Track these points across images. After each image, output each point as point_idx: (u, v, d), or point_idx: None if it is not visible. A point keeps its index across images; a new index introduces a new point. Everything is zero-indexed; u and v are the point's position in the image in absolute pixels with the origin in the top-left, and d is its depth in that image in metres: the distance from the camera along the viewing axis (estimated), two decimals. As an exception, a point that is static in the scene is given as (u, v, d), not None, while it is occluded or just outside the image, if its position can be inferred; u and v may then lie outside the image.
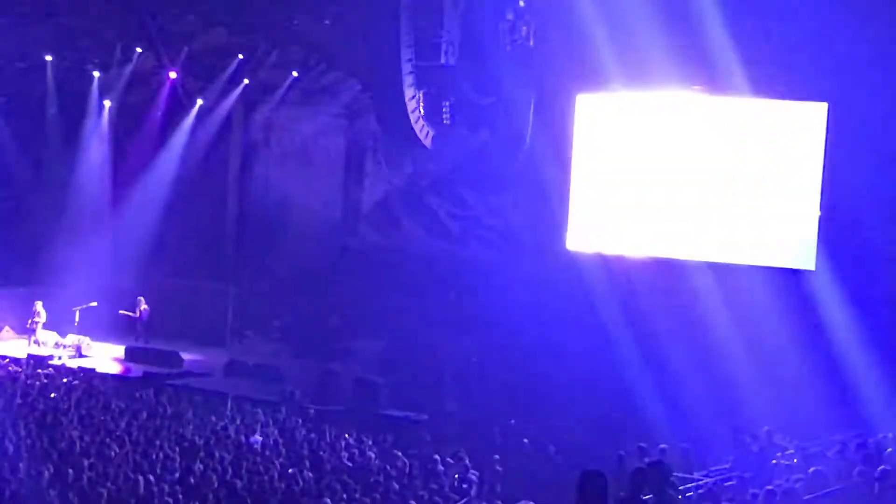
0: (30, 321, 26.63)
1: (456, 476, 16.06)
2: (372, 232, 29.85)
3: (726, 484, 14.93)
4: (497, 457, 17.42)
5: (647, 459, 15.75)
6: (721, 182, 23.97)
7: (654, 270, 24.13)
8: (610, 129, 25.22)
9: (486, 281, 26.00)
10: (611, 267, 24.51)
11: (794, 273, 23.05)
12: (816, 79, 22.49)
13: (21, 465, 14.22)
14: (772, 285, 22.64)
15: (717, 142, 24.06)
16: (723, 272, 23.38)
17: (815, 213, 23.07)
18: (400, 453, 16.97)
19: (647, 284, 23.90)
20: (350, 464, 16.48)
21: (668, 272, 23.93)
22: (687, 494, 13.98)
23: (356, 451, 17.20)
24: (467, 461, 16.75)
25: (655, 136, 24.65)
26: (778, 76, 22.85)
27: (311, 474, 15.09)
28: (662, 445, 17.07)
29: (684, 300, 23.18)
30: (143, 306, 27.91)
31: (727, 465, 16.95)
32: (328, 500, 13.56)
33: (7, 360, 24.05)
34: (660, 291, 23.65)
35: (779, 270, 23.17)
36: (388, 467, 15.94)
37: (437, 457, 16.65)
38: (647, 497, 9.14)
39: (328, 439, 18.25)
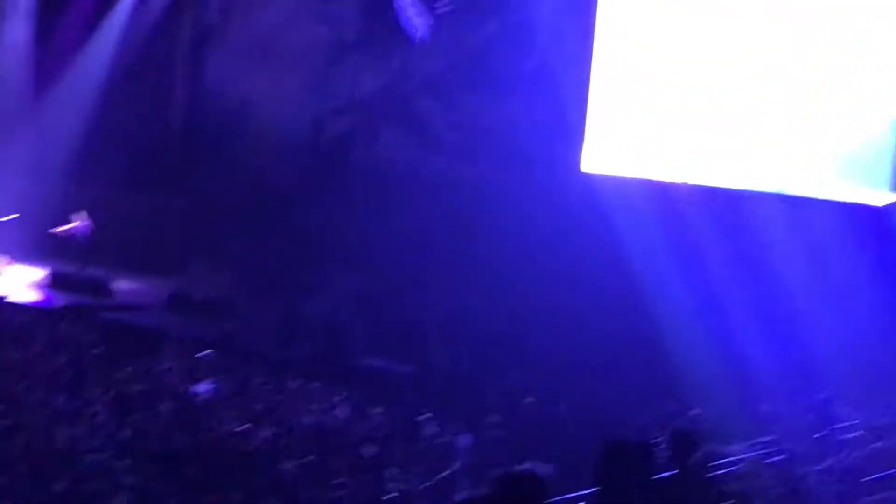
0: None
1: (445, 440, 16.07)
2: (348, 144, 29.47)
3: (769, 461, 14.90)
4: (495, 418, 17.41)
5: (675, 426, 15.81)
6: (787, 87, 23.19)
7: (698, 200, 23.62)
8: (645, 17, 24.54)
9: (487, 206, 25.73)
10: (641, 195, 24.02)
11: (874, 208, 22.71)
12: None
13: None
14: (848, 220, 22.32)
15: (784, 35, 23.20)
16: (788, 204, 22.93)
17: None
18: (377, 411, 17.00)
19: (688, 217, 23.40)
20: (315, 421, 16.44)
21: (716, 203, 23.50)
22: (722, 471, 13.93)
23: (323, 407, 17.18)
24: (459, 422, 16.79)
25: (704, 28, 23.88)
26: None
27: (267, 433, 15.04)
28: (694, 410, 17.07)
29: (735, 238, 22.75)
30: (85, 221, 27.06)
31: (772, 438, 16.95)
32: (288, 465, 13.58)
33: None
34: (704, 227, 23.14)
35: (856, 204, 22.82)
36: (362, 427, 15.91)
37: (429, 414, 16.69)
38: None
39: (289, 392, 18.24)
